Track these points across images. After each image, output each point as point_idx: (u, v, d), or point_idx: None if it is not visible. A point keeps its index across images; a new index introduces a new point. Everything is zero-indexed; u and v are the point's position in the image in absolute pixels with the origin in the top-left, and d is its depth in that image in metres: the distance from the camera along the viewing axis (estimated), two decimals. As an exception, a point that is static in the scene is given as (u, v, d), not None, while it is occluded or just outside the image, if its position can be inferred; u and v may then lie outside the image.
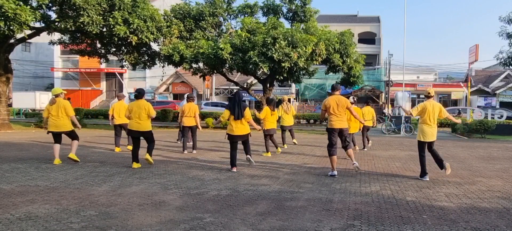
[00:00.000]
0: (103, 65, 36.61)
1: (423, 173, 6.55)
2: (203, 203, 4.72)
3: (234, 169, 6.98)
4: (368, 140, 11.12)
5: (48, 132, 7.67)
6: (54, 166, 7.18)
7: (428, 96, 6.67)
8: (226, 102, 27.40)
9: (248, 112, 7.03)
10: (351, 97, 9.70)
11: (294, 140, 11.52)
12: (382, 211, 4.49)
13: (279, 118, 10.80)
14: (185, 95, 12.34)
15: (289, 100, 12.42)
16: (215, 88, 35.87)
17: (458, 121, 7.57)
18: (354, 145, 10.02)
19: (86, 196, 4.95)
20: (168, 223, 3.89)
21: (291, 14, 18.95)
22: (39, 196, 4.88)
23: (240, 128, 7.02)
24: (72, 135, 7.72)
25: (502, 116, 21.04)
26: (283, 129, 11.22)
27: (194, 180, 6.13)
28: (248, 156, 7.32)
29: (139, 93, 7.40)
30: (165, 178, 6.25)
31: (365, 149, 10.79)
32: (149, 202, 4.72)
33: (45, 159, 8.07)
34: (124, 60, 19.29)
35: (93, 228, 3.69)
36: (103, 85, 41.55)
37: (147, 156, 7.33)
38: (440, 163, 6.63)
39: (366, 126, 10.85)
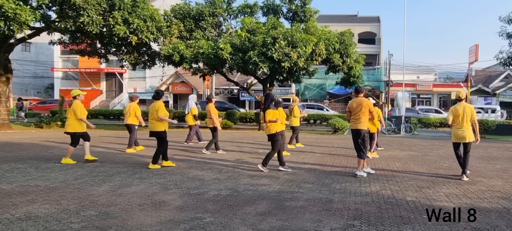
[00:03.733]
0: (103, 65, 36.61)
1: (462, 172, 6.58)
2: (203, 203, 4.72)
3: (281, 168, 7.04)
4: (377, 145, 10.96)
5: (65, 132, 7.90)
6: (54, 166, 7.18)
7: (459, 100, 6.73)
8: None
9: (268, 112, 6.92)
10: (370, 98, 9.61)
11: (299, 144, 11.34)
12: (382, 211, 4.49)
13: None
14: (189, 96, 12.26)
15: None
16: (215, 88, 35.86)
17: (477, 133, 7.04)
18: (370, 149, 9.65)
19: (86, 196, 4.95)
20: (168, 223, 3.89)
21: (291, 14, 18.94)
22: (39, 196, 4.88)
23: (266, 128, 7.05)
24: (73, 139, 7.72)
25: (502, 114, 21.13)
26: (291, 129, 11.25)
27: (194, 180, 6.13)
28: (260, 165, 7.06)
29: (156, 95, 7.49)
30: (165, 178, 6.25)
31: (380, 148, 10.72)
32: (149, 202, 4.72)
33: (45, 159, 8.07)
34: (124, 60, 19.29)
35: (93, 228, 3.69)
36: (103, 85, 41.55)
37: (151, 165, 7.24)
38: (463, 168, 6.67)
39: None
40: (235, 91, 37.09)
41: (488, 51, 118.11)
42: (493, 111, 24.41)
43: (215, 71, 18.77)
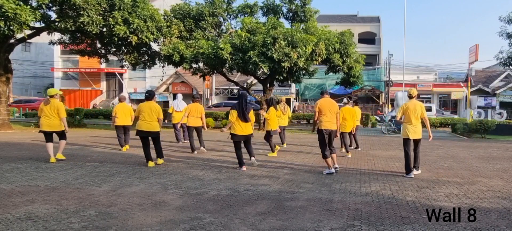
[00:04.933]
0: (103, 65, 36.59)
1: (408, 170, 6.74)
2: (203, 203, 4.72)
3: (244, 168, 7.10)
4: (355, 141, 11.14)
5: (40, 131, 7.87)
6: (54, 166, 7.18)
7: (410, 97, 6.92)
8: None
9: (252, 114, 7.26)
10: (345, 98, 9.92)
11: (284, 144, 11.42)
12: (382, 211, 4.49)
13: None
14: (178, 95, 12.42)
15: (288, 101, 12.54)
16: (215, 88, 35.87)
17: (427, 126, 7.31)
18: (350, 146, 9.96)
19: (86, 196, 4.95)
20: (168, 223, 3.89)
21: (291, 14, 18.95)
22: (39, 196, 4.88)
23: (244, 128, 7.15)
24: (62, 135, 7.96)
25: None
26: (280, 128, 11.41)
27: (194, 180, 6.13)
28: (252, 157, 7.48)
29: (149, 95, 7.64)
30: (165, 178, 6.25)
31: (359, 148, 10.81)
32: (149, 202, 4.72)
33: (45, 159, 8.05)
34: (124, 60, 19.28)
35: (93, 228, 3.69)
36: (103, 85, 41.52)
37: (160, 161, 7.58)
38: (414, 164, 6.83)
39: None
40: (235, 91, 37.08)
41: (488, 51, 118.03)
42: (429, 110, 24.87)
43: (215, 71, 18.78)
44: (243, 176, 6.50)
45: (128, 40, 15.55)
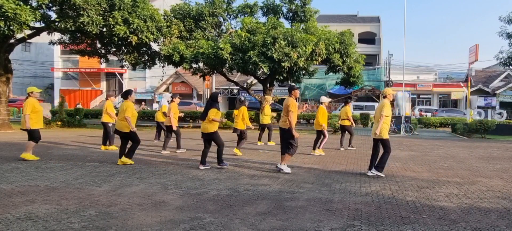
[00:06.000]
0: (103, 65, 36.61)
1: (370, 166, 6.88)
2: (203, 203, 4.72)
3: (201, 167, 7.18)
4: (342, 144, 11.10)
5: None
6: (54, 166, 7.18)
7: (383, 97, 7.03)
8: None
9: (212, 112, 7.16)
10: (325, 97, 10.22)
11: (271, 142, 11.68)
12: (382, 211, 4.49)
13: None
14: (165, 95, 12.44)
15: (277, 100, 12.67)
16: (215, 88, 35.86)
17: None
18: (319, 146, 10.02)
19: (86, 196, 4.95)
20: (168, 223, 3.89)
21: (291, 14, 18.96)
22: (39, 196, 4.88)
23: (202, 127, 7.31)
24: (29, 134, 7.94)
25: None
26: (261, 127, 11.71)
27: (194, 180, 6.13)
28: (202, 166, 7.30)
29: (124, 94, 7.76)
30: (165, 178, 6.25)
31: (342, 148, 10.88)
32: (149, 202, 4.72)
33: (45, 159, 8.06)
34: (124, 60, 19.28)
35: (93, 228, 3.69)
36: (103, 85, 41.54)
37: (124, 159, 7.54)
38: (375, 163, 6.87)
39: (343, 125, 11.01)
40: (235, 91, 37.08)
41: (488, 51, 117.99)
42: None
43: (215, 71, 18.78)
44: (243, 176, 6.50)
45: (128, 40, 15.55)
